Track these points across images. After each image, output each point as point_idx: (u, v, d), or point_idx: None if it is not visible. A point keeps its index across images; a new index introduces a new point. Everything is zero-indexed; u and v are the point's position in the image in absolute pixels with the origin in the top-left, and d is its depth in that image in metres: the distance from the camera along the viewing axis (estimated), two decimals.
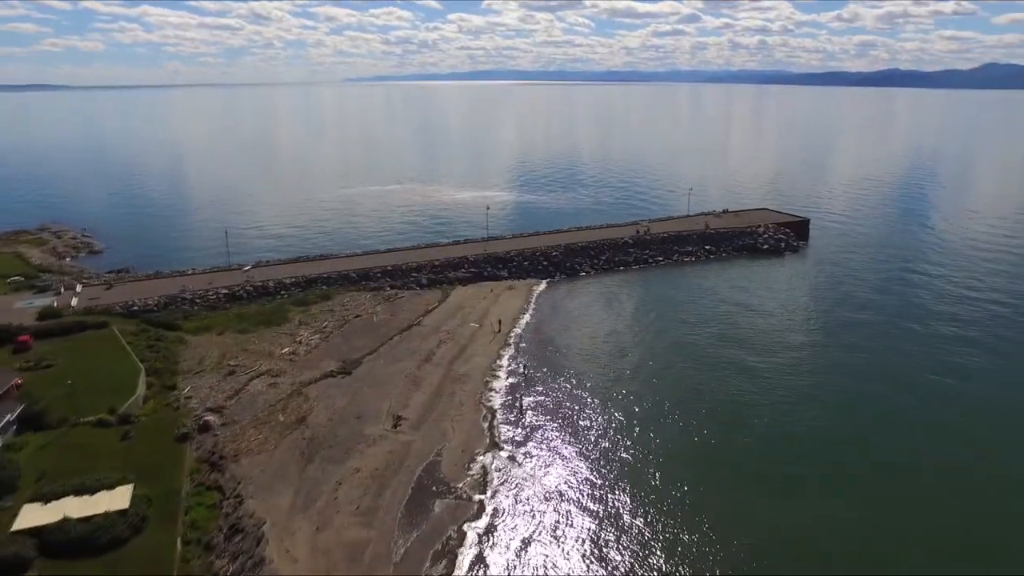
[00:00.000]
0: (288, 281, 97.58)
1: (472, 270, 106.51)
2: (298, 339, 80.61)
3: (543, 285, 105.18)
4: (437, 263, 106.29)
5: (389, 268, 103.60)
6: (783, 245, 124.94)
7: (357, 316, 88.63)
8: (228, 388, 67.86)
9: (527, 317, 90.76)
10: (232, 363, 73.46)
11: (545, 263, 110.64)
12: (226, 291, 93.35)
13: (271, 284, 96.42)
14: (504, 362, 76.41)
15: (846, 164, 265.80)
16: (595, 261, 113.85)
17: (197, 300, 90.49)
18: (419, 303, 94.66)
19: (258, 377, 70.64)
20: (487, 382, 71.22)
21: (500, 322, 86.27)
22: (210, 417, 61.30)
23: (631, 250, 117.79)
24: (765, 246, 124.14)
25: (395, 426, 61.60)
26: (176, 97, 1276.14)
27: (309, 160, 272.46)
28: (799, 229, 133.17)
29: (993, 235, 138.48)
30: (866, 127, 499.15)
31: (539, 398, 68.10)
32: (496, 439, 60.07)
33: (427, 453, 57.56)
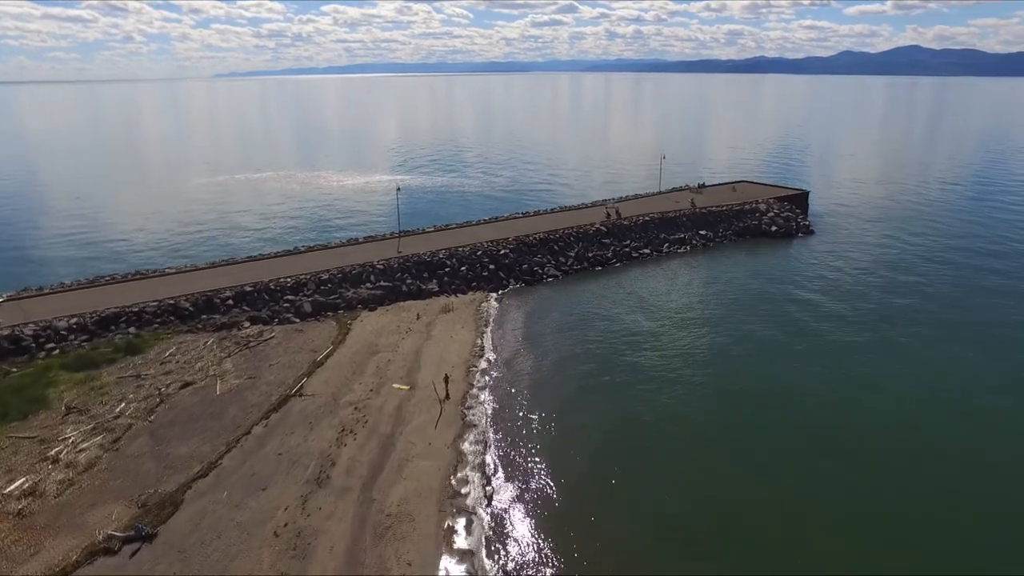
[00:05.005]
0: (65, 325, 56.20)
1: (383, 283, 68.76)
2: (53, 451, 40.51)
3: (494, 301, 69.05)
4: (326, 276, 67.78)
5: (248, 289, 64.06)
6: (793, 226, 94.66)
7: (186, 385, 49.19)
8: None
9: (486, 362, 54.41)
10: None
11: (492, 266, 74.39)
12: None
13: (30, 332, 54.75)
14: (469, 470, 39.88)
15: (773, 140, 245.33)
16: (561, 260, 78.77)
17: None
18: (300, 349, 56.16)
19: None
20: (450, 531, 34.53)
21: (447, 379, 49.44)
22: None
23: (606, 241, 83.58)
24: (773, 227, 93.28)
25: None
26: (19, 94, 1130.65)
27: (160, 154, 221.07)
28: (800, 204, 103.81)
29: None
30: (767, 106, 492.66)
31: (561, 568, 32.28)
32: None
33: None
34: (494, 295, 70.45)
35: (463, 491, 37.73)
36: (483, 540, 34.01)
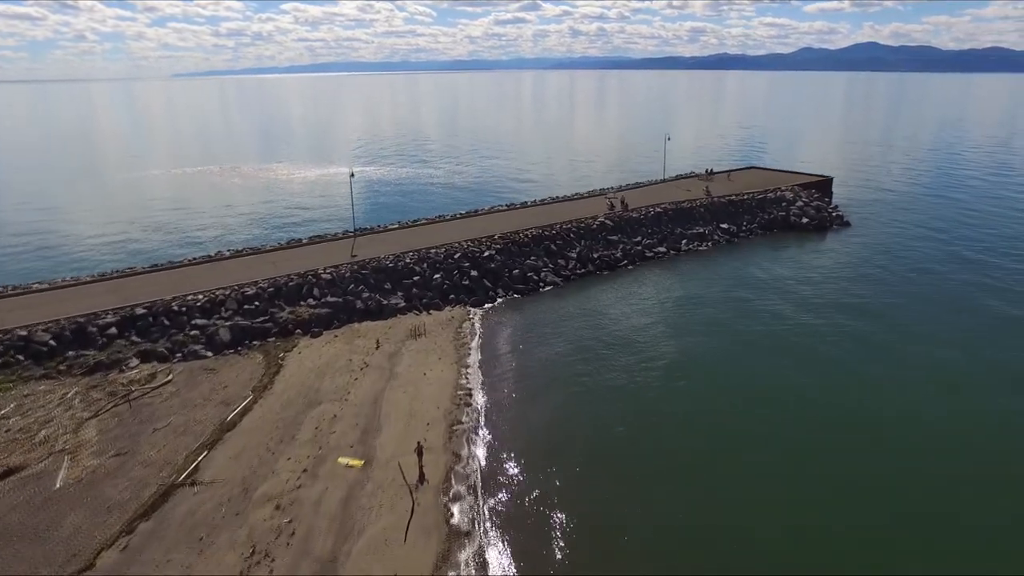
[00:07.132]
0: None
1: (331, 299, 51.65)
2: None
3: (478, 319, 52.44)
4: (253, 291, 50.41)
5: (140, 312, 46.41)
6: (826, 216, 79.76)
7: (9, 472, 31.62)
8: None
9: (475, 414, 37.81)
10: None
11: (473, 273, 57.71)
12: None
13: None
14: None
15: (754, 132, 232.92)
16: (560, 262, 62.40)
17: None
18: (205, 400, 38.86)
19: None
20: None
21: (420, 450, 32.71)
22: None
23: (613, 237, 67.44)
24: (804, 219, 78.15)
25: None
26: None
27: (90, 150, 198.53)
28: (824, 191, 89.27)
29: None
30: (748, 99, 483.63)
31: None
32: None
33: None
34: (478, 311, 53.84)
35: None
36: None
